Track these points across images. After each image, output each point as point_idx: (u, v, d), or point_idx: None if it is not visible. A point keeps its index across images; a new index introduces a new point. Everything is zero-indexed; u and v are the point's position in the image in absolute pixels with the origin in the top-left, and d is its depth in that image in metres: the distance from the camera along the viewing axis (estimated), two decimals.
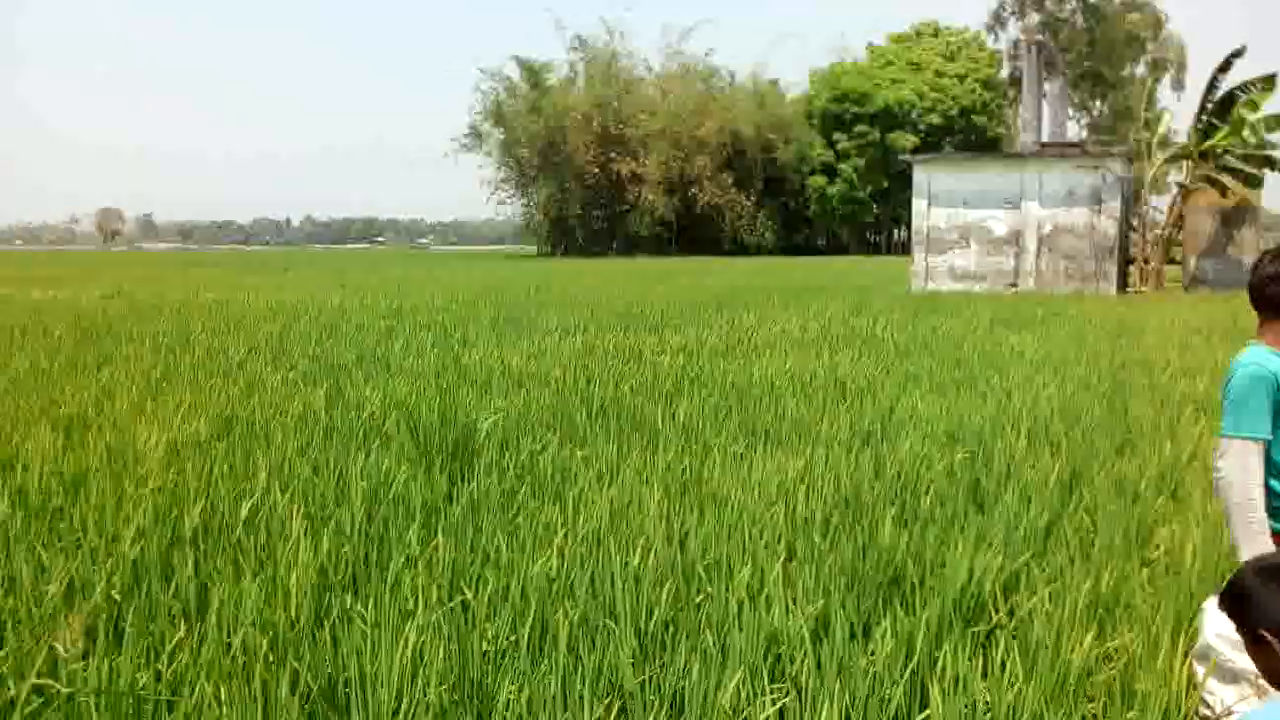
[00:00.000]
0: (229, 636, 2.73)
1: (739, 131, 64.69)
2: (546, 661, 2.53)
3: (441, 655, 2.46)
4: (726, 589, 3.06)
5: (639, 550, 3.31)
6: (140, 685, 2.46)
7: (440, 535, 3.59)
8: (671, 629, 2.81)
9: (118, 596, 3.10)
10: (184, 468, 4.54)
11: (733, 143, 64.54)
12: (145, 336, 10.66)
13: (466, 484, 4.32)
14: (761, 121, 65.49)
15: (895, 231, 68.30)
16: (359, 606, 2.89)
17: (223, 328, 11.83)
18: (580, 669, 2.48)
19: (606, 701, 2.37)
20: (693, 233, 64.32)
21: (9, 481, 4.25)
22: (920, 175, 21.74)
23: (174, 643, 2.68)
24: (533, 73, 65.91)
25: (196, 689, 2.42)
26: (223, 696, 2.38)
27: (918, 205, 21.72)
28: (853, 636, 2.75)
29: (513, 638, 2.72)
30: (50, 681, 2.44)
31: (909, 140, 62.09)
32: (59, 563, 3.29)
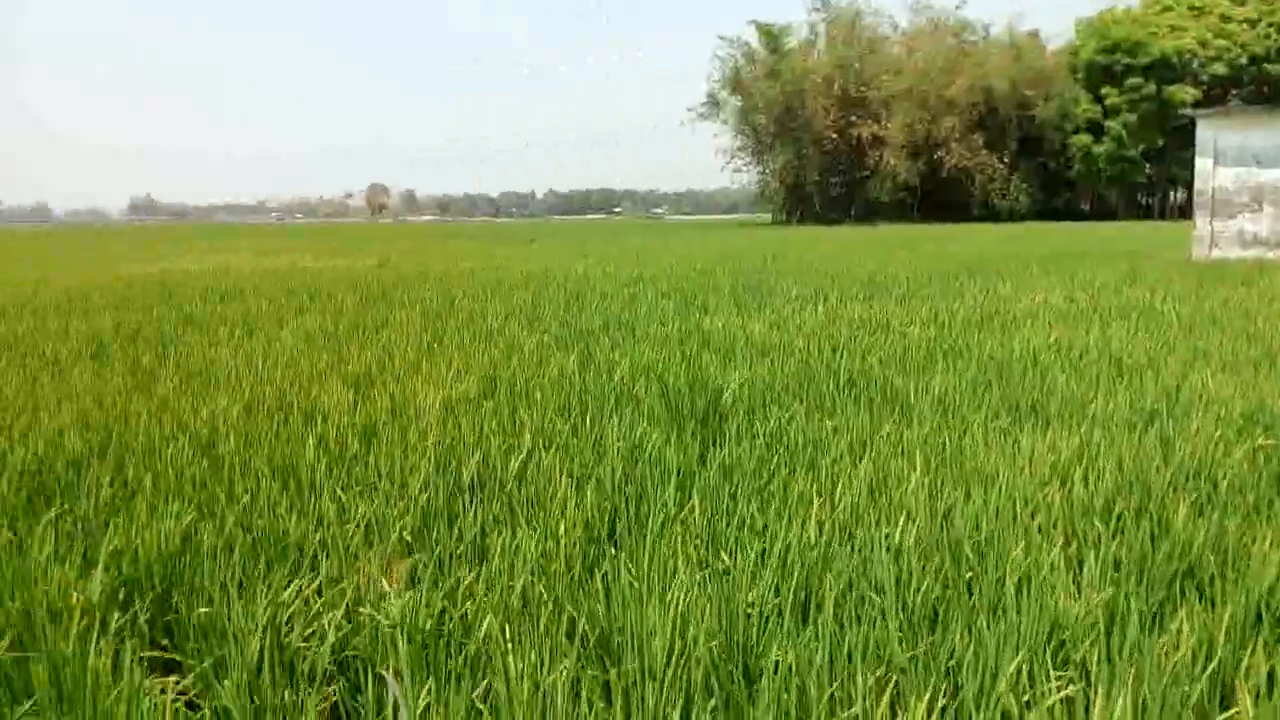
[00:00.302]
0: (510, 580, 2.92)
1: (992, 89, 60.86)
2: (812, 628, 2.52)
3: (708, 614, 2.50)
4: (997, 570, 2.92)
5: (900, 525, 3.22)
6: (436, 620, 2.67)
7: (695, 498, 3.64)
8: (941, 606, 2.71)
9: (409, 538, 3.38)
10: (459, 423, 4.88)
11: (985, 101, 60.83)
12: (414, 302, 11.53)
13: (718, 449, 4.36)
14: (1018, 77, 61.25)
15: (1171, 194, 62.17)
16: (626, 561, 2.99)
17: (480, 295, 12.58)
18: (846, 639, 2.45)
19: (877, 674, 2.33)
20: (938, 197, 61.44)
21: (312, 430, 4.74)
22: (1205, 131, 19.56)
23: (465, 585, 2.88)
24: (771, 37, 65.00)
25: (485, 627, 2.60)
26: (508, 635, 2.54)
27: (1201, 165, 19.59)
28: (1144, 628, 2.55)
29: (775, 603, 2.72)
30: (365, 610, 2.70)
31: (1189, 93, 56.14)
32: (357, 505, 3.63)
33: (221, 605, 2.77)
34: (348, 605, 2.80)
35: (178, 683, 2.58)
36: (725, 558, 3.08)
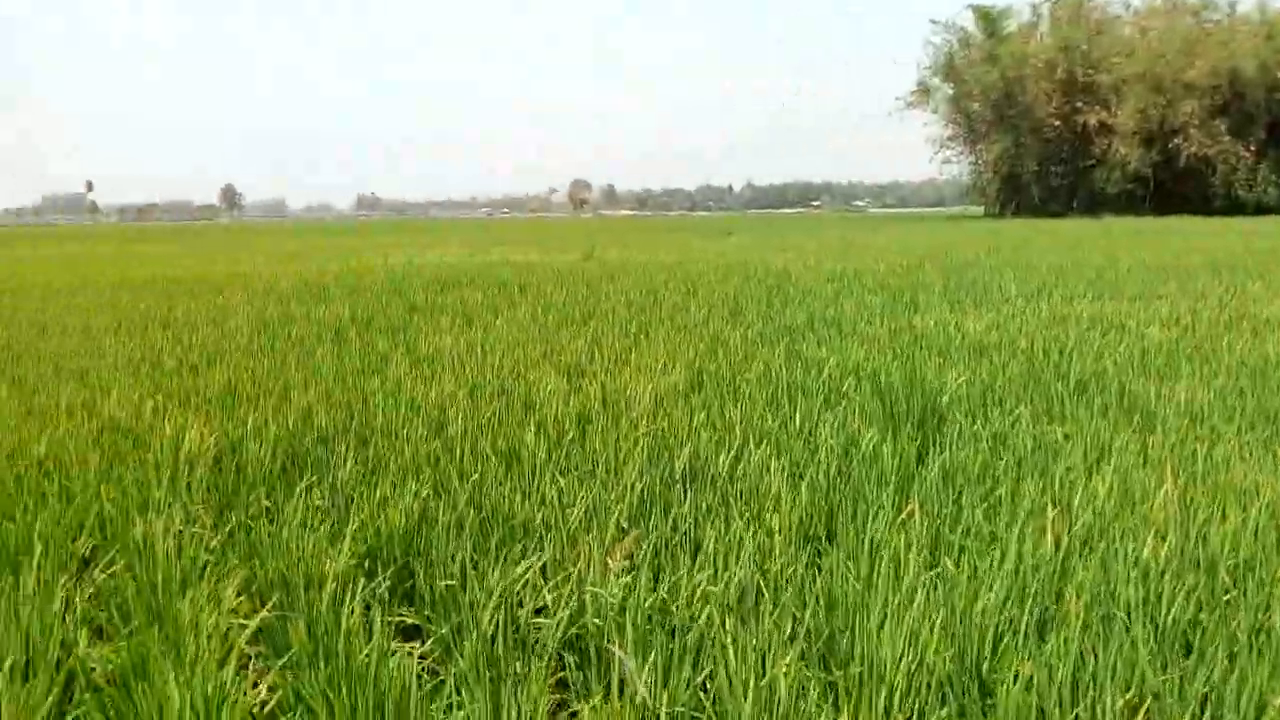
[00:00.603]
0: (726, 572, 2.92)
1: (1238, 70, 55.40)
2: (1053, 643, 2.37)
3: (939, 622, 2.41)
4: (1259, 594, 2.65)
5: (1147, 540, 2.98)
6: (655, 605, 2.72)
7: (915, 501, 3.52)
8: (1196, 630, 2.49)
9: (625, 524, 3.45)
10: (669, 414, 4.94)
11: (1230, 84, 55.43)
12: (619, 294, 11.78)
13: (938, 451, 4.20)
14: (1269, 58, 55.46)
15: None
16: (845, 561, 2.93)
17: (682, 288, 12.70)
18: (1090, 658, 2.29)
19: (1127, 697, 2.17)
20: (1172, 188, 56.56)
21: (531, 416, 4.93)
22: None
23: (683, 574, 2.92)
24: (990, 20, 61.78)
25: (704, 616, 2.62)
26: (728, 626, 2.54)
27: None
28: None
29: (1008, 614, 2.59)
30: (589, 589, 2.78)
31: None
32: (576, 489, 3.75)
33: (458, 578, 2.93)
34: (573, 584, 2.89)
35: (416, 648, 2.75)
36: (950, 564, 2.96)
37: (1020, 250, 20.53)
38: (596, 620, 2.63)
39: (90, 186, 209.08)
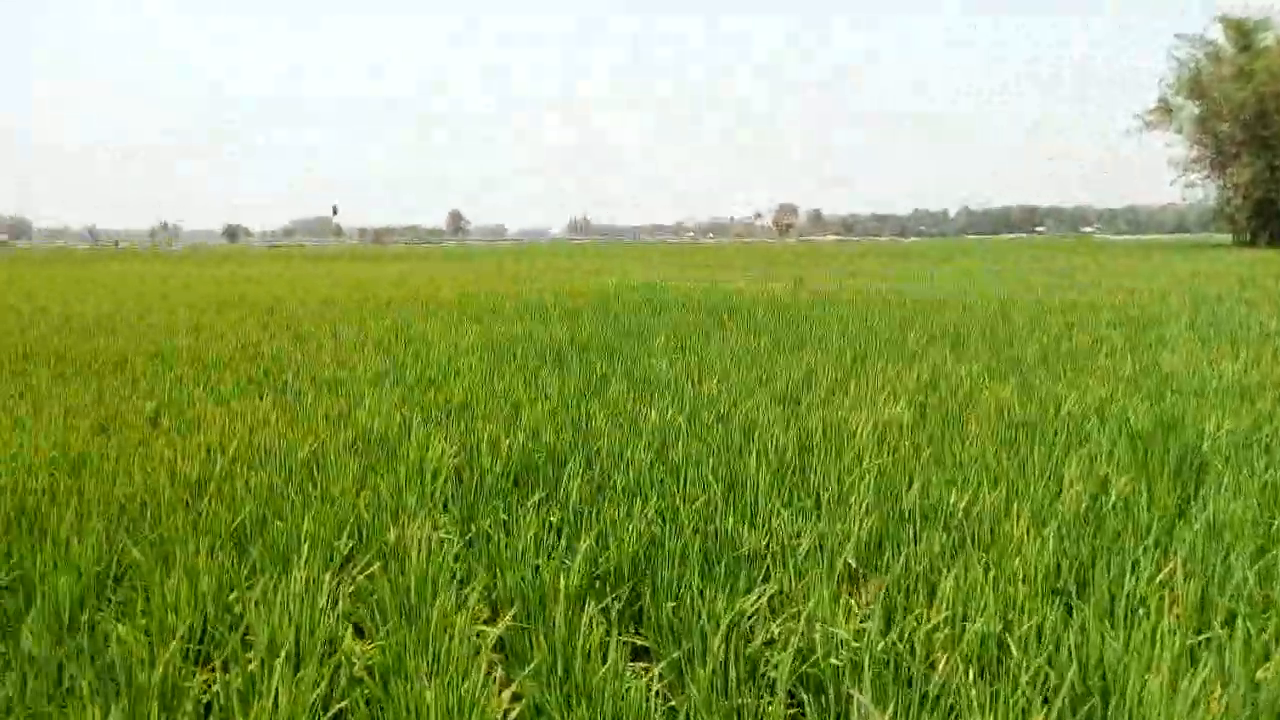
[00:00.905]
0: (964, 620, 2.79)
1: None
2: None
3: (1223, 697, 2.19)
4: None
5: None
6: (886, 646, 2.63)
7: (1177, 557, 3.24)
8: None
9: (852, 562, 3.37)
10: (894, 448, 4.79)
11: None
12: (831, 321, 11.59)
13: (1200, 504, 3.84)
14: None
15: None
16: (1103, 619, 2.73)
17: (896, 316, 12.33)
18: None
19: None
20: None
21: (750, 443, 4.92)
22: None
23: (918, 619, 2.81)
24: (1243, 33, 56.58)
25: (942, 664, 2.51)
26: (970, 679, 2.42)
27: None
28: None
29: None
30: (820, 626, 2.73)
31: None
32: (800, 521, 3.69)
33: (686, 604, 2.95)
34: (802, 621, 2.84)
35: (646, 669, 2.79)
36: (1220, 629, 2.69)
37: None
38: (835, 661, 2.57)
39: (335, 210, 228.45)
